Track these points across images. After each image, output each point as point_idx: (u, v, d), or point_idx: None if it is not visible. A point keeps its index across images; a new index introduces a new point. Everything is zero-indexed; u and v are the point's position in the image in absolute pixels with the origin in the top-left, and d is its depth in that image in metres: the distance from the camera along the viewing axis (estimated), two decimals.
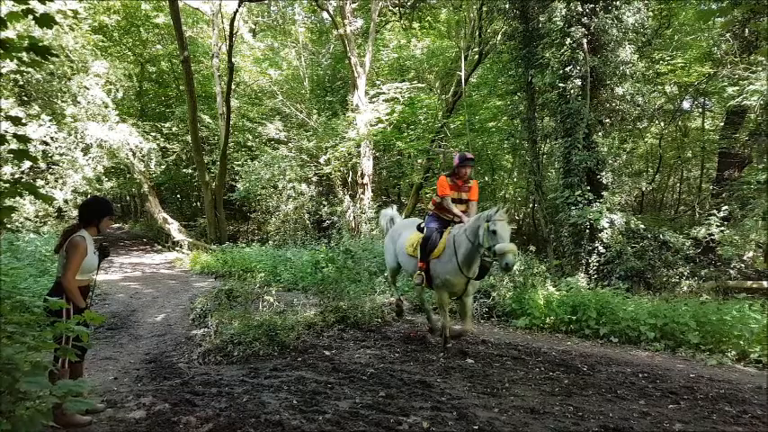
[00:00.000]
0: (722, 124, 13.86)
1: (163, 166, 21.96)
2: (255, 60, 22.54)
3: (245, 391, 4.71)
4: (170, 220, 21.79)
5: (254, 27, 23.84)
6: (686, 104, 16.72)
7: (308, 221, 18.04)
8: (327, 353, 6.15)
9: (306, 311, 7.76)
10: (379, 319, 7.88)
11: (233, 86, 19.54)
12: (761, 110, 10.65)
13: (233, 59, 18.48)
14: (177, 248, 19.40)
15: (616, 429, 3.95)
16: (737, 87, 10.32)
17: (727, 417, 4.30)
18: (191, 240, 19.67)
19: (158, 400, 4.39)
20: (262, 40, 24.19)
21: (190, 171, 23.10)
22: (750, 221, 9.43)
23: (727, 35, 11.90)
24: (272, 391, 4.72)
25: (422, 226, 6.60)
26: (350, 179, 18.75)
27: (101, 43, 20.70)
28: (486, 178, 19.44)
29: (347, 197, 17.60)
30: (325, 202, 17.50)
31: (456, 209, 6.34)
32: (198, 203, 24.69)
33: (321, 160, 17.87)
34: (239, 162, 19.50)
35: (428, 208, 6.80)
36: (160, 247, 21.56)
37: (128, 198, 34.14)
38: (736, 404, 4.60)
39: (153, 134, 20.96)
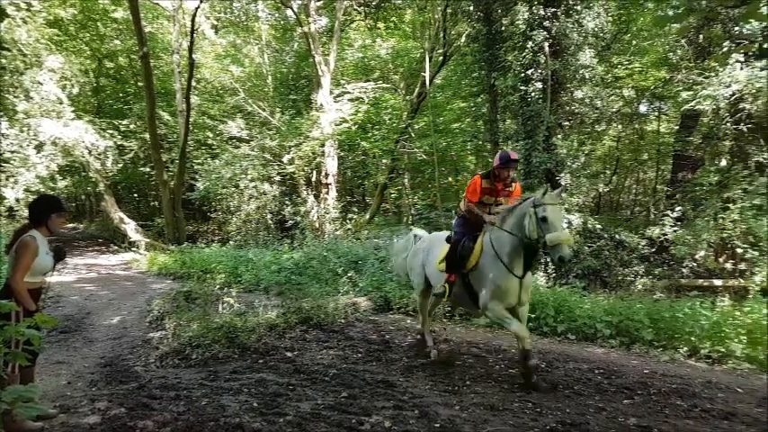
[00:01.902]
0: (677, 128, 14.33)
1: (120, 165, 21.33)
2: (217, 57, 22.17)
3: (204, 394, 4.62)
4: (127, 219, 21.19)
5: (216, 23, 23.45)
6: (643, 108, 17.25)
7: (270, 221, 17.84)
8: (289, 354, 6.09)
9: (267, 313, 7.66)
10: (343, 320, 7.86)
11: (193, 83, 19.21)
12: (713, 114, 11.06)
13: (194, 56, 18.15)
14: (134, 249, 18.88)
15: (573, 425, 4.03)
16: (692, 92, 10.69)
17: (679, 411, 4.44)
18: (148, 241, 19.19)
19: (114, 404, 4.28)
20: (224, 36, 23.81)
21: (148, 169, 22.55)
22: (702, 222, 9.79)
23: (683, 41, 12.31)
24: (232, 394, 4.65)
25: (449, 237, 5.68)
26: (314, 179, 18.64)
27: (56, 37, 19.97)
28: (450, 179, 19.63)
29: (311, 197, 17.49)
30: (289, 202, 17.32)
31: (488, 216, 5.32)
32: (156, 203, 24.05)
33: (284, 159, 17.69)
34: (199, 161, 19.14)
35: (458, 209, 5.94)
36: (116, 247, 20.94)
37: (83, 197, 33.05)
38: (688, 398, 4.76)
39: (110, 131, 20.32)
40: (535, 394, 4.79)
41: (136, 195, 27.78)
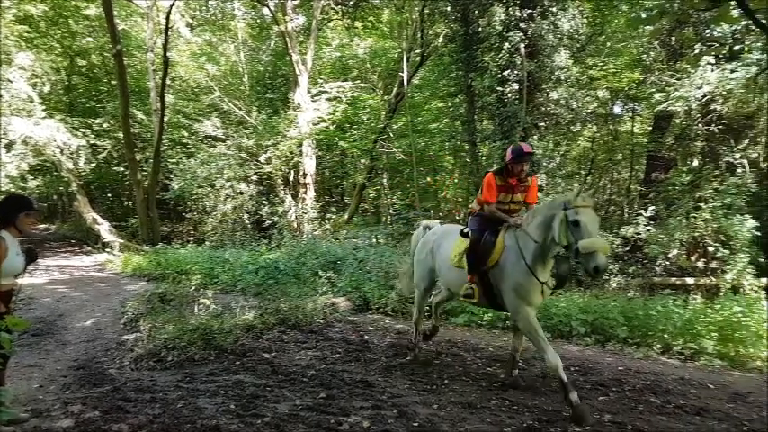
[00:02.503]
0: (650, 128, 14.58)
1: (93, 164, 20.99)
2: (193, 55, 21.89)
3: (180, 396, 4.58)
4: (100, 220, 20.79)
5: (191, 21, 23.14)
6: (617, 109, 17.51)
7: (247, 221, 17.68)
8: (267, 355, 6.05)
9: (245, 314, 7.59)
10: (322, 320, 7.83)
11: (168, 82, 18.95)
12: (685, 115, 11.28)
13: (169, 54, 17.91)
14: (108, 250, 18.52)
15: (549, 422, 4.09)
16: (664, 93, 10.88)
17: (653, 407, 4.53)
18: (122, 241, 18.87)
19: (87, 407, 4.21)
20: (199, 34, 23.52)
21: (121, 169, 22.20)
22: (674, 221, 9.97)
23: (656, 43, 12.53)
24: (209, 396, 4.62)
25: (465, 231, 5.24)
26: (291, 178, 18.52)
27: (26, 34, 19.53)
28: (429, 179, 19.67)
29: (289, 197, 17.37)
30: (266, 202, 17.18)
31: (513, 219, 4.88)
32: (130, 203, 23.68)
33: (261, 159, 17.55)
34: (174, 160, 18.89)
35: (470, 208, 5.55)
36: (89, 248, 20.51)
37: (55, 197, 32.33)
38: (661, 395, 4.86)
39: (82, 130, 19.95)
40: (512, 392, 4.84)
41: (109, 195, 27.32)
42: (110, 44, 17.98)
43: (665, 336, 6.57)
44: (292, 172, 18.31)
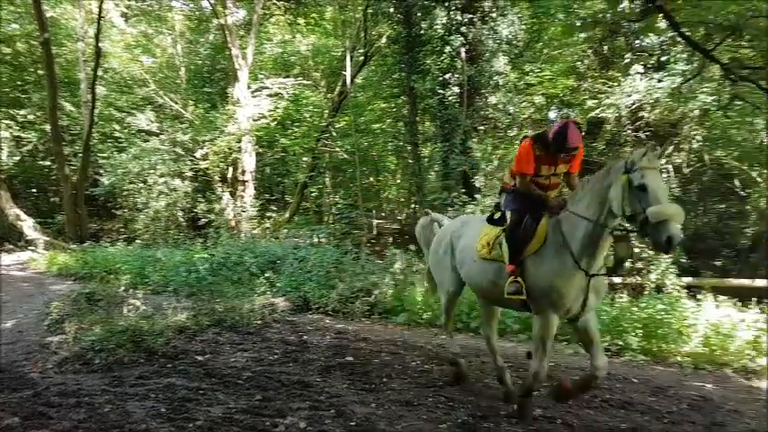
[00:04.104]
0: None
1: (17, 158, 19.99)
2: (126, 46, 21.00)
3: (108, 400, 4.39)
4: (23, 216, 19.58)
5: (126, 11, 22.19)
6: (552, 114, 18.16)
7: (181, 219, 17.13)
8: (200, 358, 5.87)
9: (177, 315, 7.34)
10: (259, 321, 7.68)
11: (100, 73, 18.17)
12: (615, 122, 11.83)
13: (101, 44, 17.17)
14: (31, 248, 17.48)
15: (483, 417, 4.19)
16: (596, 100, 11.38)
17: (581, 401, 4.69)
18: (47, 239, 17.87)
19: (6, 413, 3.98)
20: (134, 25, 22.59)
21: (48, 163, 21.08)
22: None
23: (589, 52, 13.09)
24: (138, 400, 4.45)
25: (495, 217, 4.45)
26: (230, 175, 18.08)
27: None
28: (372, 179, 19.74)
29: (226, 194, 16.95)
30: (202, 199, 16.71)
31: (553, 200, 4.11)
32: (57, 199, 22.48)
33: (197, 154, 17.04)
34: (105, 154, 18.09)
35: (503, 181, 4.71)
36: (11, 246, 19.26)
37: None
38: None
39: (6, 122, 18.86)
40: (448, 389, 4.91)
41: (34, 191, 25.80)
42: (37, 32, 17.17)
43: None
44: (231, 169, 17.88)
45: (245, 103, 16.54)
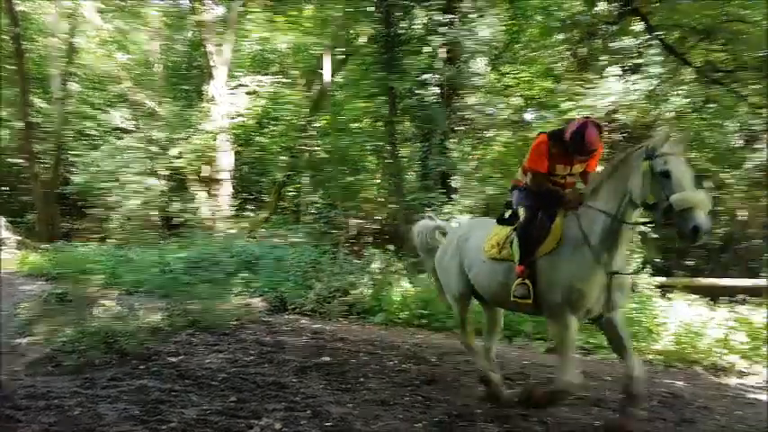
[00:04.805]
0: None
1: None
2: (101, 42, 20.61)
3: (79, 403, 4.30)
4: None
5: (101, 6, 21.77)
6: (529, 116, 18.34)
7: (156, 219, 16.88)
8: (174, 359, 5.77)
9: (150, 316, 7.24)
10: (235, 322, 7.61)
11: (73, 69, 17.81)
12: None
13: (75, 40, 16.84)
14: (2, 247, 17.13)
15: (459, 415, 4.21)
16: (573, 102, 11.51)
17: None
18: (17, 239, 17.51)
19: None
20: (110, 21, 22.19)
21: (18, 161, 20.60)
22: None
23: (567, 54, 13.23)
24: (110, 402, 4.36)
25: (506, 216, 4.24)
26: (206, 174, 17.85)
27: None
28: (350, 178, 19.65)
29: (202, 193, 16.75)
30: (177, 198, 16.47)
31: (570, 194, 3.89)
32: (27, 197, 22.02)
33: (173, 153, 16.80)
34: (77, 152, 17.75)
35: (515, 177, 4.50)
36: None
37: None
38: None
39: None
40: (425, 388, 4.92)
41: (4, 189, 25.26)
42: (8, 26, 17.00)
43: None
44: (207, 167, 17.66)
45: (221, 100, 16.36)
